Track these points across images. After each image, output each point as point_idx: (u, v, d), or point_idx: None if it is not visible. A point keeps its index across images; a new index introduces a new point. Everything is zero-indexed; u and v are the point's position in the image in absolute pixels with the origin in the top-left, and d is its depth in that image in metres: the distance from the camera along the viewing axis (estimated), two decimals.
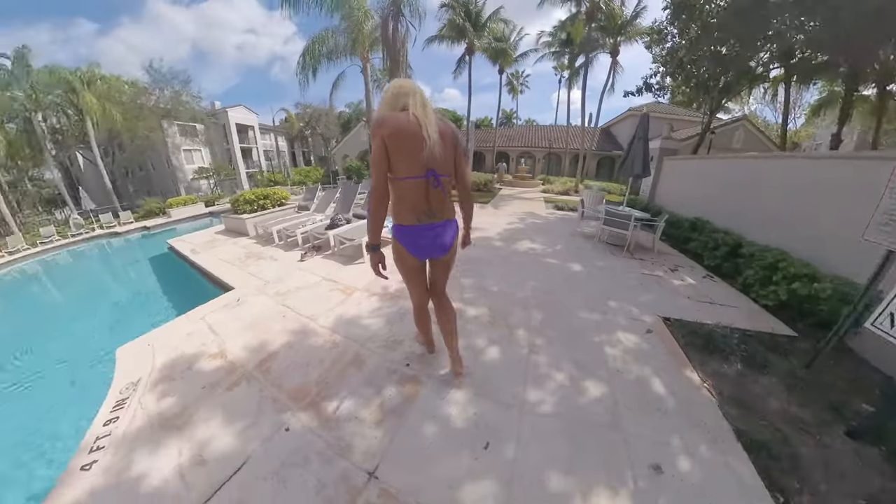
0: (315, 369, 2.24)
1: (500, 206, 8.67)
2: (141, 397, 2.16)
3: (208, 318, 3.17)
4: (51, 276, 8.62)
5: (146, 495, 1.51)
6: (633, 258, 4.36)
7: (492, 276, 3.64)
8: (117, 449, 1.78)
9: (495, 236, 5.37)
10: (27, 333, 5.11)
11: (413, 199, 1.54)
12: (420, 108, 1.47)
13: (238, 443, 1.72)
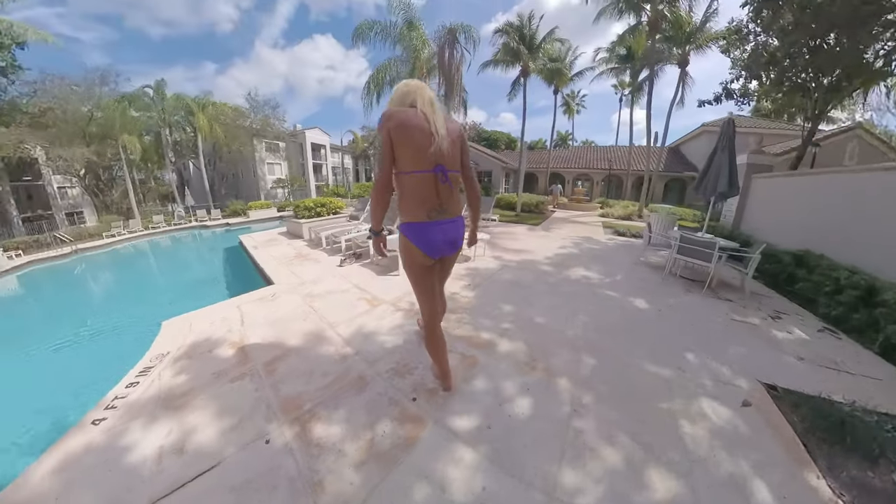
0: (316, 381, 2.12)
1: (551, 230, 8.09)
2: (162, 370, 2.34)
3: (243, 307, 3.43)
4: (152, 252, 11.23)
5: (123, 467, 1.54)
6: (717, 298, 3.55)
7: (537, 305, 3.20)
8: (125, 413, 1.91)
9: (543, 260, 4.89)
10: (122, 294, 6.96)
11: (422, 194, 1.51)
12: (428, 105, 1.47)
13: (218, 442, 1.67)
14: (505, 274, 4.20)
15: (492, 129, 44.04)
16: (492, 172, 21.43)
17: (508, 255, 5.16)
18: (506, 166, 21.96)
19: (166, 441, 1.68)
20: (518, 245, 6.00)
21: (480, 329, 2.73)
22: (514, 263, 4.69)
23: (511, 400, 1.90)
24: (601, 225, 9.05)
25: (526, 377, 2.11)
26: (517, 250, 5.52)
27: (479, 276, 4.14)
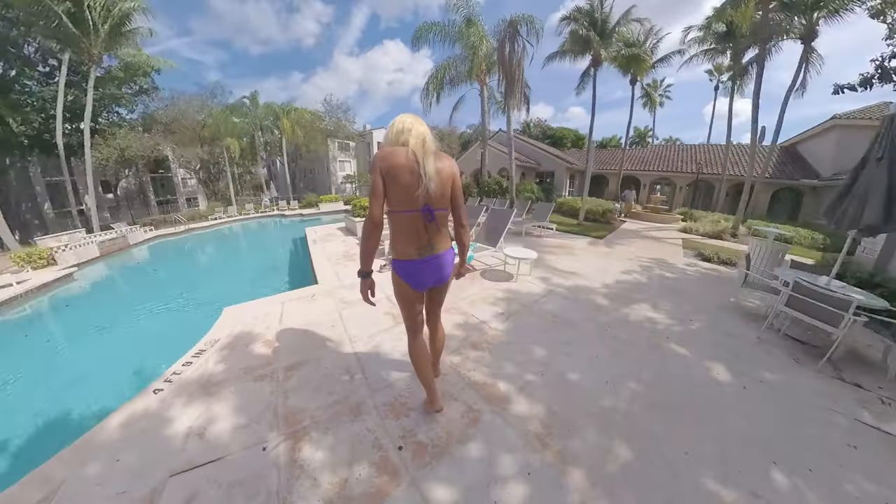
0: (321, 398, 2.19)
1: (616, 245, 7.06)
2: (210, 355, 2.71)
3: (285, 304, 3.75)
4: (242, 235, 13.73)
5: (161, 437, 1.89)
6: (841, 380, 2.46)
7: (576, 354, 2.69)
8: (175, 389, 2.29)
9: (599, 288, 4.20)
10: (215, 269, 8.60)
11: (410, 231, 1.60)
12: (419, 146, 1.51)
13: (228, 437, 1.88)
14: (548, 303, 3.70)
15: (558, 126, 41.28)
16: (554, 173, 20.08)
17: (558, 278, 4.58)
18: (571, 167, 20.37)
19: (194, 423, 1.98)
20: (572, 264, 5.32)
21: (499, 376, 2.38)
22: (562, 289, 4.13)
23: (504, 482, 1.58)
24: (681, 244, 7.49)
25: (532, 456, 1.73)
26: (570, 272, 4.87)
27: (517, 302, 3.72)
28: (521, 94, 11.76)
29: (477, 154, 22.19)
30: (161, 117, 20.76)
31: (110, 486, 1.60)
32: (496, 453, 1.74)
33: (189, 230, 13.74)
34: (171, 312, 5.32)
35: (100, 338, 4.60)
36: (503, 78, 11.06)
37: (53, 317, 5.85)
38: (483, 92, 13.30)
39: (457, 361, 2.56)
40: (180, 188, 26.40)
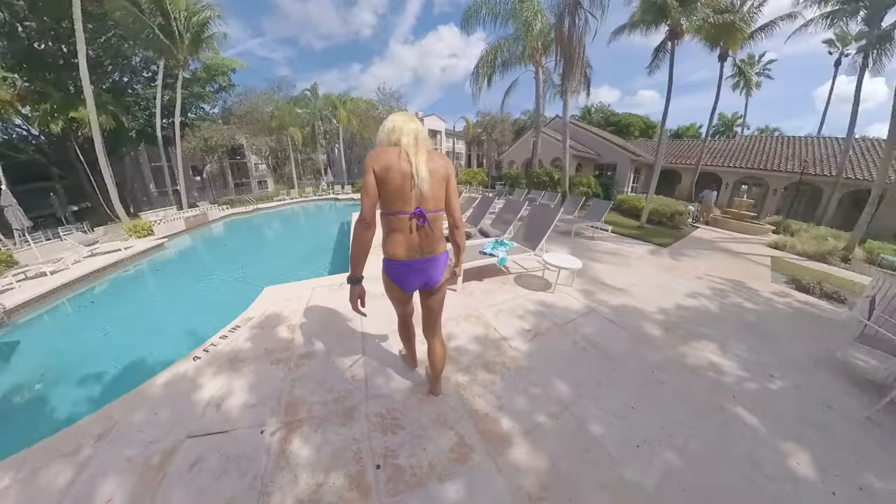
0: (322, 394, 2.25)
1: (683, 257, 5.99)
2: (243, 332, 3.02)
3: (316, 290, 3.95)
4: (299, 216, 15.50)
5: (190, 401, 2.21)
6: None
7: (606, 399, 2.22)
8: (209, 359, 2.62)
9: (653, 312, 3.53)
10: (272, 247, 9.92)
11: (401, 233, 1.58)
12: (411, 146, 1.48)
13: (237, 413, 2.10)
14: (586, 324, 3.22)
15: (623, 112, 36.84)
16: (616, 166, 18.18)
17: (604, 293, 4.00)
18: (637, 159, 18.24)
19: (216, 394, 2.25)
20: (624, 277, 4.63)
21: (505, 410, 2.09)
22: (606, 309, 3.58)
23: None
24: (769, 264, 5.91)
25: None
26: (620, 287, 4.23)
27: (549, 318, 3.31)
28: (581, 74, 10.62)
29: (529, 143, 20.99)
30: (237, 111, 23.24)
31: (146, 434, 1.95)
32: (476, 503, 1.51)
33: (256, 210, 16.13)
34: (228, 283, 6.28)
35: (176, 298, 5.86)
36: (561, 57, 10.04)
37: (147, 278, 7.40)
38: (538, 74, 12.32)
39: (463, 382, 2.33)
40: (252, 172, 29.49)
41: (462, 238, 1.79)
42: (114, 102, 14.99)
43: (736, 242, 7.84)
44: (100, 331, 4.62)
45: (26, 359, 4.07)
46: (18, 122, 14.98)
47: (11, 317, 5.11)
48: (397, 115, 1.57)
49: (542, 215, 4.84)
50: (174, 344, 3.64)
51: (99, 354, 3.88)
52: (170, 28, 13.00)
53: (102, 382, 3.31)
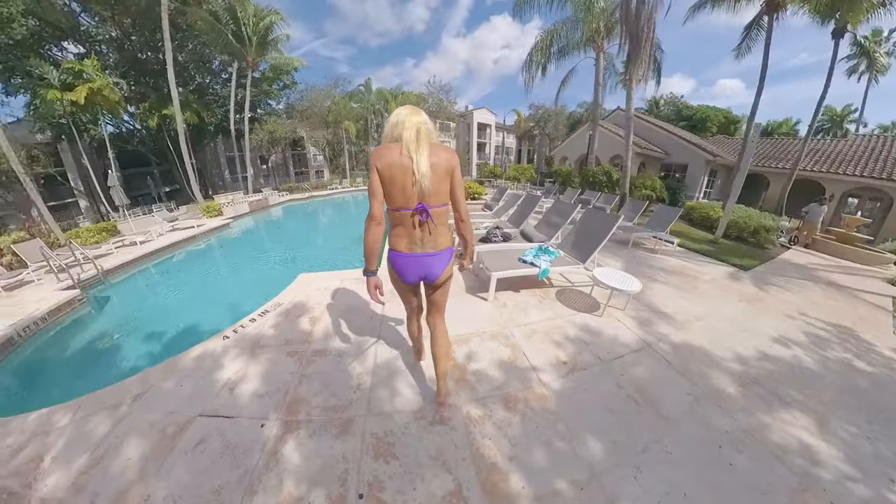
0: (324, 397, 2.22)
1: (770, 287, 4.81)
2: (270, 317, 3.20)
3: (344, 282, 4.02)
4: (348, 204, 16.17)
5: (210, 379, 2.40)
6: None
7: (652, 472, 1.75)
8: (236, 340, 2.81)
9: (726, 359, 2.82)
10: (320, 233, 10.69)
11: (404, 227, 1.62)
12: (412, 140, 1.48)
13: (246, 400, 2.18)
14: (638, 365, 2.66)
15: (698, 104, 32.41)
16: (687, 167, 16.05)
17: (663, 325, 3.33)
18: (714, 160, 15.92)
19: (232, 377, 2.39)
20: (692, 305, 3.84)
21: (518, 463, 1.75)
22: (665, 346, 2.95)
23: None
24: (890, 307, 4.31)
25: None
26: (685, 318, 3.50)
27: (591, 349, 2.81)
28: (650, 59, 9.36)
29: (585, 137, 19.44)
30: (298, 106, 24.98)
31: (170, 403, 2.17)
32: None
33: (311, 197, 17.68)
34: (276, 263, 6.93)
35: (231, 273, 6.67)
36: (626, 39, 8.93)
37: (211, 252, 8.45)
38: (599, 60, 11.20)
39: (475, 416, 2.04)
40: (311, 162, 31.73)
41: (469, 231, 1.80)
42: (196, 101, 16.91)
43: (842, 273, 6.08)
44: (169, 296, 5.55)
45: (111, 313, 4.97)
46: (126, 118, 17.59)
47: (107, 276, 6.34)
48: (402, 108, 1.56)
49: (597, 222, 4.24)
50: (220, 314, 4.28)
51: (164, 315, 4.65)
52: (240, 33, 14.30)
53: (161, 340, 3.91)
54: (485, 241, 4.63)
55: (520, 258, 3.91)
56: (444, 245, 1.69)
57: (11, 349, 3.73)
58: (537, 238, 4.91)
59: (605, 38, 10.88)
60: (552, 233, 5.00)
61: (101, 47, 16.37)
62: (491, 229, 4.86)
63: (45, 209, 9.84)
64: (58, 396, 2.45)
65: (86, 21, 15.87)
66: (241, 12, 14.01)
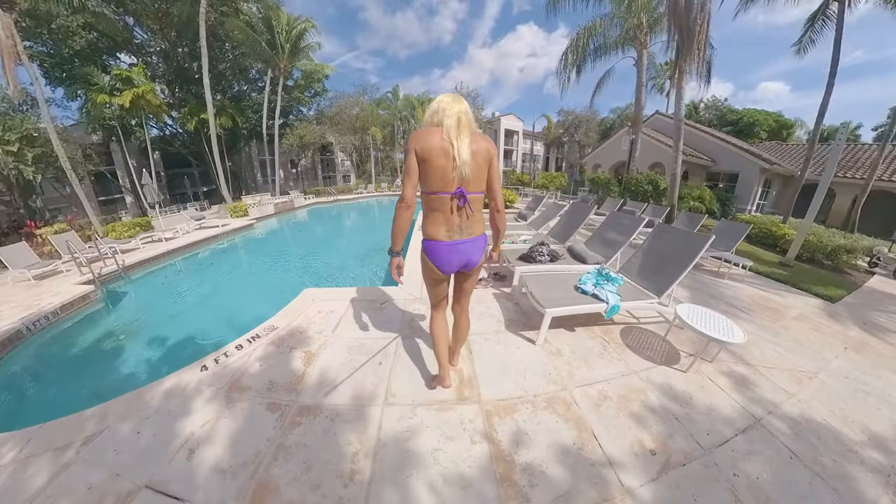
0: (304, 490, 1.62)
1: (874, 327, 3.82)
2: (259, 345, 2.75)
3: (354, 304, 3.50)
4: (372, 208, 16.03)
5: (170, 430, 1.97)
6: None
7: None
8: (214, 374, 2.39)
9: (861, 442, 2.04)
10: (341, 237, 10.34)
11: (442, 214, 1.59)
12: (453, 127, 1.48)
13: (203, 477, 1.69)
14: (752, 456, 1.88)
15: (743, 108, 29.57)
16: (738, 176, 14.54)
17: (766, 387, 2.50)
18: (770, 168, 14.36)
19: (196, 432, 1.93)
20: (792, 356, 2.96)
21: None
22: (780, 425, 2.13)
23: None
24: None
25: None
26: (789, 379, 2.62)
27: (686, 429, 2.03)
28: (701, 58, 8.38)
29: (622, 143, 18.26)
30: (327, 112, 25.58)
31: (119, 459, 1.79)
32: None
33: (336, 200, 17.81)
34: (291, 269, 6.51)
35: (246, 276, 6.40)
36: (674, 33, 8.02)
37: (233, 252, 8.33)
38: (641, 58, 10.31)
39: None
40: (339, 167, 32.38)
41: (503, 222, 1.80)
42: (232, 106, 17.55)
43: None
44: (178, 299, 5.26)
45: (119, 312, 4.76)
46: (170, 122, 18.58)
47: (128, 272, 6.31)
48: (444, 95, 1.55)
49: (677, 243, 3.31)
50: (218, 326, 4.10)
51: (166, 321, 4.36)
52: (274, 41, 14.72)
53: (153, 351, 3.63)
54: (527, 259, 3.84)
55: (576, 286, 3.09)
56: (479, 231, 1.68)
57: (18, 343, 3.65)
58: (592, 259, 3.97)
59: (647, 34, 10.01)
60: (609, 253, 4.09)
61: (151, 58, 17.52)
62: (535, 245, 4.02)
63: (87, 203, 10.32)
64: (39, 410, 2.37)
65: (140, 35, 17.06)
66: (274, 21, 14.42)
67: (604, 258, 4.01)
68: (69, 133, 16.78)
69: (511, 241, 4.92)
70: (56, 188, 13.48)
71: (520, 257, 3.92)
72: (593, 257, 3.98)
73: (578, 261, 4.01)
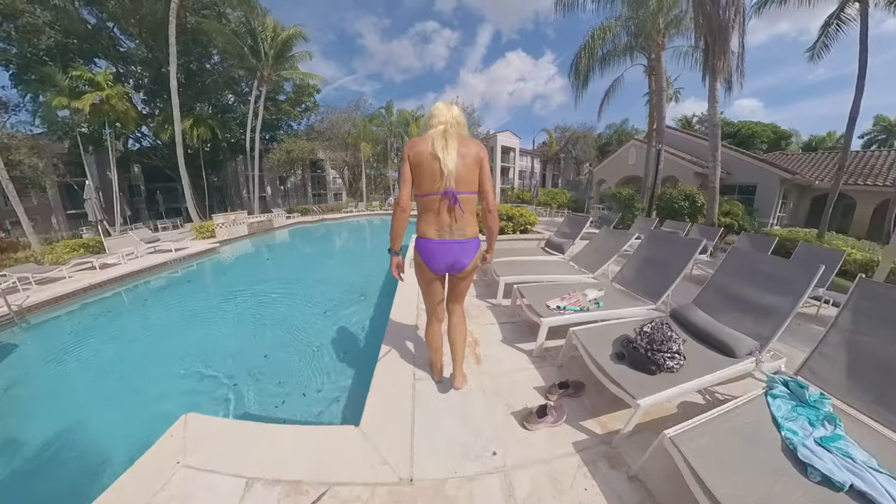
0: None
1: None
2: None
3: (262, 489, 1.49)
4: (358, 230, 14.20)
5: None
6: None
7: None
8: None
9: None
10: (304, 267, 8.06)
11: (433, 213, 1.64)
12: (440, 132, 1.57)
13: None
14: None
15: (739, 120, 29.63)
16: (756, 188, 13.58)
17: None
18: (790, 179, 13.45)
19: None
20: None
21: None
22: None
23: None
24: None
25: None
26: None
27: None
28: (740, 56, 7.42)
29: (629, 156, 17.37)
30: (318, 127, 24.68)
31: None
32: None
33: (321, 220, 15.88)
34: (227, 322, 4.49)
35: (168, 333, 4.29)
36: (702, 30, 7.06)
37: (172, 289, 6.25)
38: (660, 62, 9.36)
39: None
40: (330, 185, 31.12)
41: (495, 222, 1.79)
42: (212, 117, 16.39)
43: None
44: (71, 362, 3.59)
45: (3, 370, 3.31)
46: (145, 132, 17.32)
47: (28, 315, 4.66)
48: (439, 103, 1.67)
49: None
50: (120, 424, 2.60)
51: (38, 400, 2.96)
52: (258, 48, 13.73)
53: None
54: (640, 365, 1.78)
55: (787, 444, 1.35)
56: (471, 234, 1.70)
57: None
58: (744, 345, 1.96)
59: (664, 35, 9.13)
60: (769, 327, 2.05)
61: (136, 67, 16.50)
62: (652, 326, 1.94)
63: (24, 219, 8.75)
64: None
65: (126, 43, 16.16)
66: (259, 27, 13.47)
67: (765, 334, 2.02)
68: (36, 140, 15.29)
69: (568, 302, 2.62)
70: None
71: (615, 355, 1.87)
72: (746, 343, 1.95)
73: (713, 347, 2.04)
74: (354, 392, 2.64)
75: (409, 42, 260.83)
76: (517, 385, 2.11)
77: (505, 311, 3.11)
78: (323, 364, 3.20)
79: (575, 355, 2.23)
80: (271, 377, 3.13)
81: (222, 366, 3.31)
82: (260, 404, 2.69)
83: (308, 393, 2.85)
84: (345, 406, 2.53)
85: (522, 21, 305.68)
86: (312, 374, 3.11)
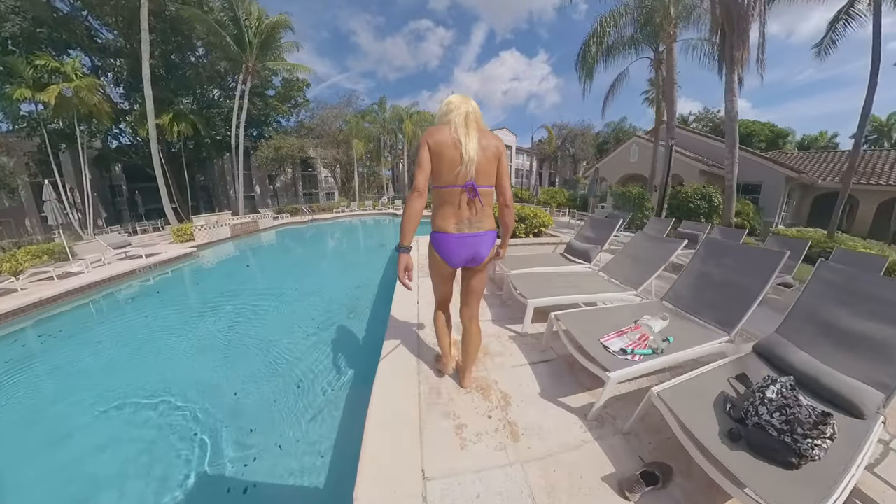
0: None
1: None
2: None
3: None
4: (350, 231, 13.62)
5: None
6: None
7: None
8: None
9: None
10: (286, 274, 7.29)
11: (451, 206, 1.59)
12: (461, 123, 1.52)
13: None
14: None
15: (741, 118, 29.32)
16: (761, 186, 13.24)
17: None
18: (796, 178, 13.15)
19: None
20: None
21: None
22: None
23: None
24: None
25: None
26: None
27: None
28: (761, 46, 6.94)
29: (630, 154, 16.94)
30: (309, 124, 23.74)
31: None
32: None
33: (311, 220, 15.18)
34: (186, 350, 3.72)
35: (120, 364, 3.53)
36: (719, 20, 6.56)
37: (143, 301, 5.57)
38: (671, 53, 8.86)
39: None
40: (322, 184, 30.17)
41: (511, 218, 1.79)
42: (194, 112, 15.46)
43: None
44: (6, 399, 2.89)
45: None
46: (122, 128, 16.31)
47: None
48: (454, 96, 1.61)
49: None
50: None
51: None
52: (242, 37, 12.86)
53: None
54: (750, 442, 1.24)
55: None
56: (488, 227, 1.66)
57: None
58: (870, 400, 1.42)
59: (675, 24, 8.63)
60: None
61: (116, 61, 15.49)
62: (762, 396, 1.36)
63: None
64: None
65: (104, 35, 15.13)
66: (239, 11, 12.55)
67: (881, 390, 1.45)
68: (5, 138, 14.27)
69: (632, 341, 1.90)
70: None
71: (727, 435, 1.28)
72: (864, 396, 1.44)
73: (811, 393, 1.53)
74: (341, 445, 2.13)
75: (402, 40, 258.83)
76: (576, 475, 1.41)
77: (532, 342, 2.47)
78: (307, 403, 2.61)
79: (650, 419, 1.63)
80: (241, 423, 2.50)
81: (182, 407, 2.66)
82: (224, 462, 2.13)
83: (285, 445, 2.26)
84: (330, 464, 1.99)
85: (517, 20, 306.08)
86: (292, 417, 2.50)
